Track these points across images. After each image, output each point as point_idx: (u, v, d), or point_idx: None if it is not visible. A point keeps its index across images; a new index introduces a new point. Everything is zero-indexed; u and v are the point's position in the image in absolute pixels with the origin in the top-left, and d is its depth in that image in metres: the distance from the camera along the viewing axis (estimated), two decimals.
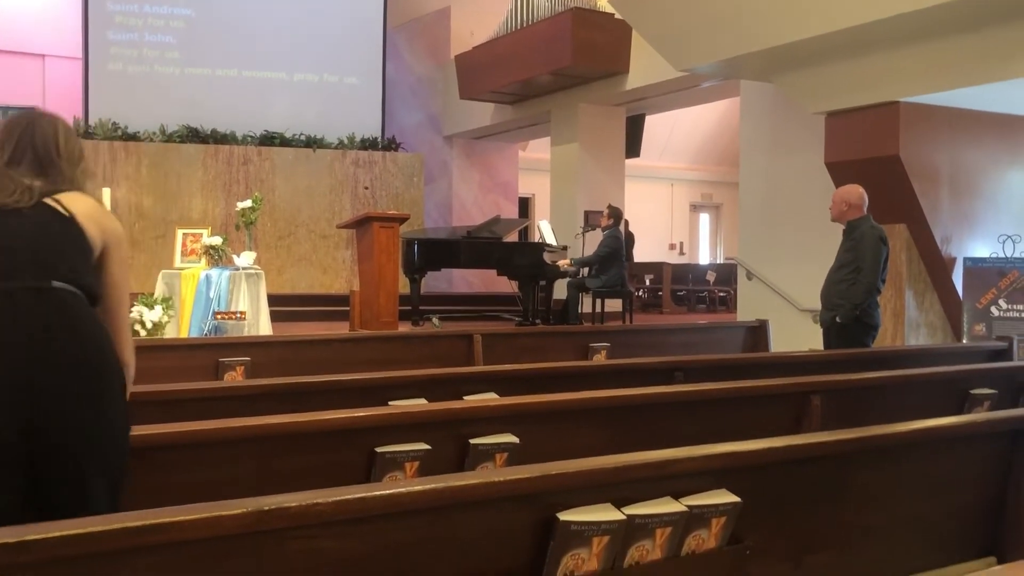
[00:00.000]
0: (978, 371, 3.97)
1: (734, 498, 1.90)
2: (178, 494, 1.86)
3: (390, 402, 2.90)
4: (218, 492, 1.71)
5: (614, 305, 9.97)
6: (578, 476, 1.78)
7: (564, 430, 2.74)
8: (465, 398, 3.02)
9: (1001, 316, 6.78)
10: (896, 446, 2.31)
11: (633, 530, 1.78)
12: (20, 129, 2.18)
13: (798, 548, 2.14)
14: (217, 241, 7.39)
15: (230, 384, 3.45)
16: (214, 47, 13.05)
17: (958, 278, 7.08)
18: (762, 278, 8.78)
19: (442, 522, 1.67)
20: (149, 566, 1.41)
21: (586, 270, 9.59)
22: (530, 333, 6.10)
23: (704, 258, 20.63)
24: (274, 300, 7.84)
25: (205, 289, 6.96)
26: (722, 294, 15.36)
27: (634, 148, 13.50)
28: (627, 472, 1.84)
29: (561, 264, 9.77)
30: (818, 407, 3.20)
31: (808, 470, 2.15)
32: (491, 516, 1.71)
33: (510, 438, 2.56)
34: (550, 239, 10.16)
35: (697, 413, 3.02)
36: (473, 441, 2.51)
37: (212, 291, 6.92)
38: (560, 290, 10.07)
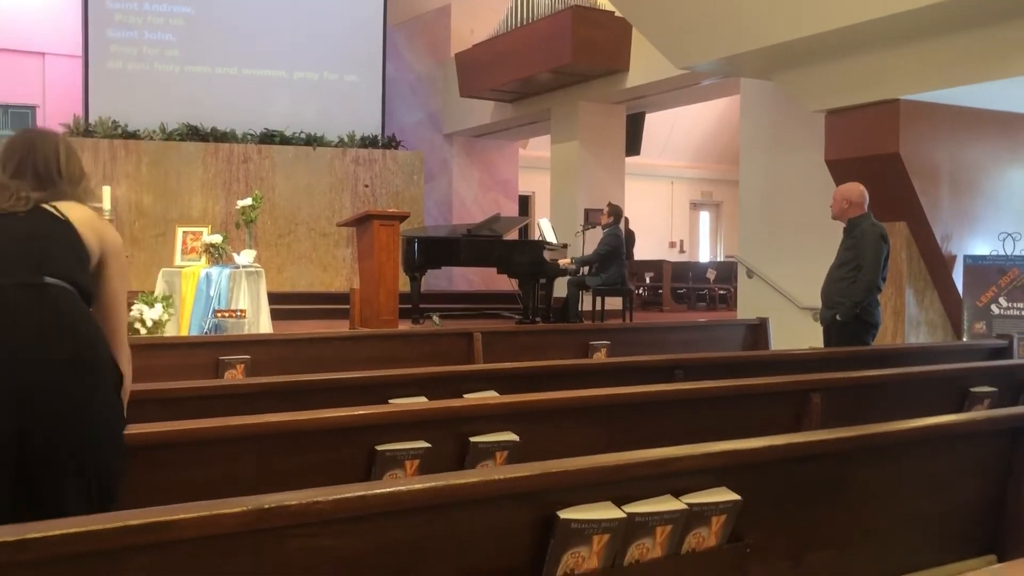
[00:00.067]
0: (978, 369, 3.98)
1: (734, 496, 1.90)
2: (178, 492, 1.86)
3: (390, 400, 2.89)
4: (218, 490, 1.72)
5: (614, 303, 9.97)
6: (578, 474, 1.78)
7: (564, 428, 2.75)
8: (465, 396, 3.02)
9: (1001, 314, 6.78)
10: (896, 444, 2.31)
11: (633, 528, 1.78)
12: (22, 148, 2.19)
13: (798, 546, 2.14)
14: (217, 239, 7.39)
15: (230, 382, 3.44)
16: (214, 45, 13.04)
17: (958, 276, 7.08)
18: (762, 276, 8.77)
19: (442, 520, 1.67)
20: (149, 564, 1.41)
21: (586, 268, 9.59)
22: (530, 331, 6.10)
23: (704, 256, 20.62)
24: (274, 298, 7.84)
25: (205, 287, 6.96)
26: (722, 292, 15.36)
27: (634, 146, 13.49)
28: (627, 470, 1.84)
29: (561, 262, 9.77)
30: (818, 405, 3.20)
31: (808, 468, 2.15)
32: (491, 514, 1.71)
33: (510, 436, 2.56)
34: (550, 237, 10.15)
35: (697, 411, 3.02)
36: (473, 439, 2.51)
37: (212, 289, 6.92)
38: (560, 288, 10.06)
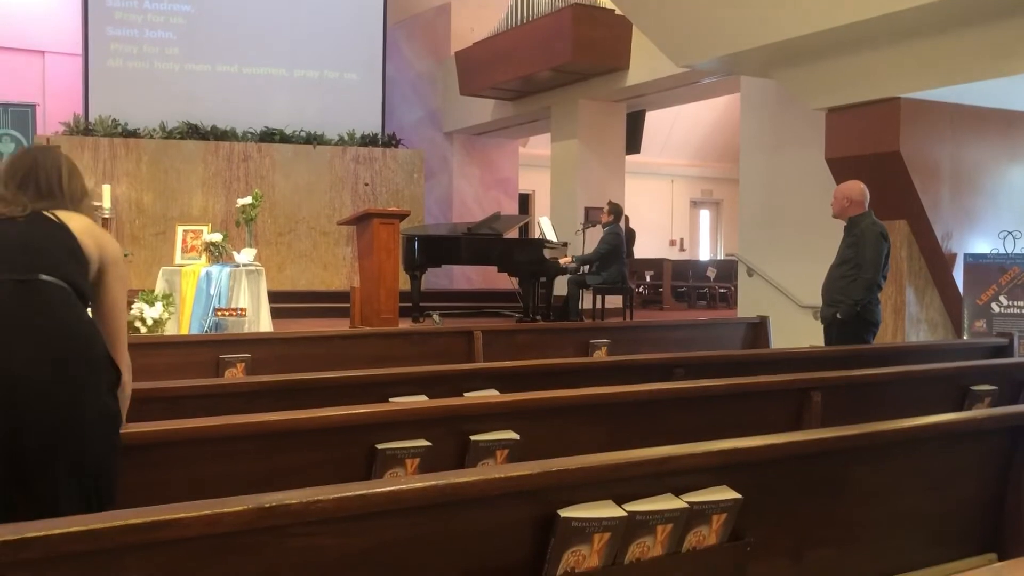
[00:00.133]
0: (978, 367, 3.98)
1: (735, 494, 1.90)
2: (179, 491, 1.86)
3: (390, 399, 2.89)
4: (219, 489, 1.72)
5: (614, 301, 9.97)
6: (579, 473, 1.78)
7: (565, 427, 2.75)
8: (466, 395, 3.02)
9: (1002, 312, 6.77)
10: (897, 442, 2.31)
11: (634, 527, 1.78)
12: (25, 165, 2.21)
13: (799, 544, 2.14)
14: (217, 238, 7.39)
15: (231, 381, 3.44)
16: (214, 43, 13.03)
17: (959, 274, 7.07)
18: (763, 274, 8.77)
19: (443, 519, 1.67)
20: (150, 563, 1.41)
21: (586, 267, 9.58)
22: (530, 330, 6.11)
23: (704, 254, 20.61)
24: (274, 297, 7.85)
25: (205, 286, 6.96)
26: (722, 290, 15.36)
27: (634, 144, 13.48)
28: (628, 469, 1.84)
29: (562, 261, 9.77)
30: (819, 403, 3.20)
31: (809, 467, 2.15)
32: (492, 513, 1.71)
33: (511, 435, 2.56)
34: (550, 235, 10.15)
35: (698, 410, 3.02)
36: (474, 438, 2.51)
37: (212, 288, 6.92)
38: (560, 286, 10.06)
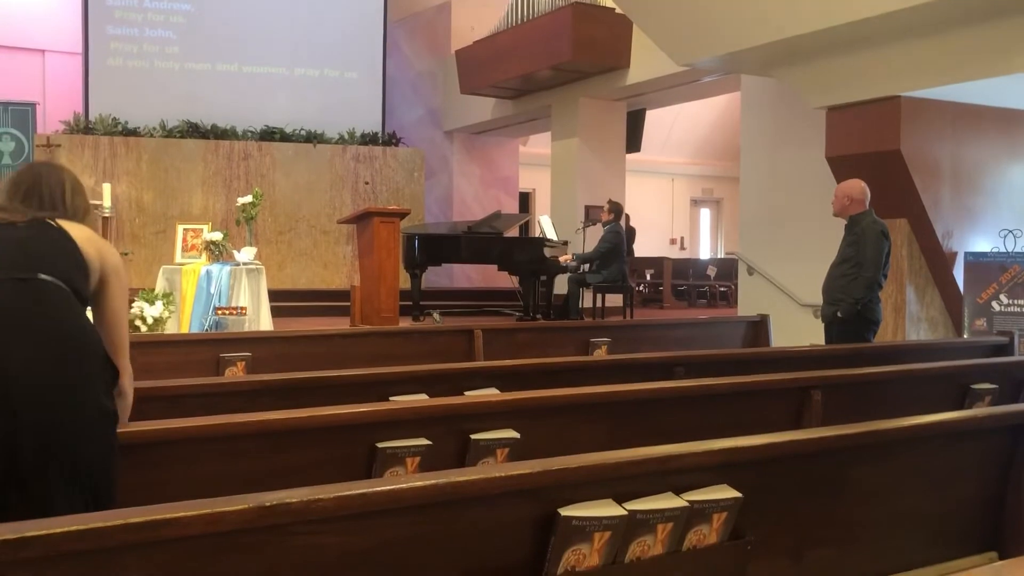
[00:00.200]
0: (979, 366, 3.98)
1: (735, 493, 1.90)
2: (179, 490, 1.86)
3: (391, 397, 2.89)
4: (219, 488, 1.71)
5: (615, 300, 9.96)
6: (579, 471, 1.78)
7: (565, 425, 2.75)
8: (466, 393, 3.02)
9: (1002, 311, 6.77)
10: (897, 441, 2.31)
11: (634, 525, 1.78)
12: (28, 179, 2.23)
13: (799, 543, 2.14)
14: (218, 236, 7.39)
15: (231, 380, 3.45)
16: (214, 42, 13.03)
17: (959, 273, 7.07)
18: (763, 273, 8.77)
19: (443, 518, 1.67)
20: (150, 562, 1.41)
21: (587, 265, 9.58)
22: (531, 328, 6.11)
23: (705, 253, 20.61)
24: (275, 295, 7.85)
25: (206, 284, 6.96)
26: (723, 289, 15.35)
27: (635, 143, 13.47)
28: (628, 467, 1.84)
29: (562, 259, 9.76)
30: (819, 402, 3.20)
31: (809, 465, 2.15)
32: (492, 512, 1.71)
33: (511, 433, 2.56)
34: (551, 234, 10.15)
35: (698, 408, 3.02)
36: (474, 436, 2.51)
37: (213, 286, 6.93)
38: (561, 285, 10.06)
